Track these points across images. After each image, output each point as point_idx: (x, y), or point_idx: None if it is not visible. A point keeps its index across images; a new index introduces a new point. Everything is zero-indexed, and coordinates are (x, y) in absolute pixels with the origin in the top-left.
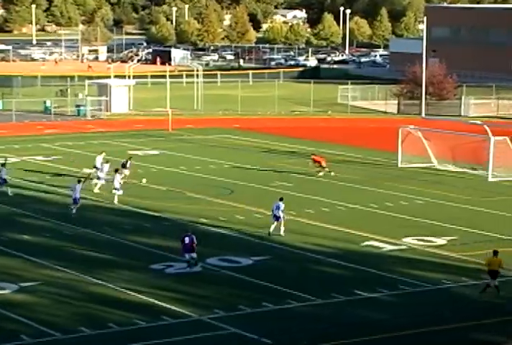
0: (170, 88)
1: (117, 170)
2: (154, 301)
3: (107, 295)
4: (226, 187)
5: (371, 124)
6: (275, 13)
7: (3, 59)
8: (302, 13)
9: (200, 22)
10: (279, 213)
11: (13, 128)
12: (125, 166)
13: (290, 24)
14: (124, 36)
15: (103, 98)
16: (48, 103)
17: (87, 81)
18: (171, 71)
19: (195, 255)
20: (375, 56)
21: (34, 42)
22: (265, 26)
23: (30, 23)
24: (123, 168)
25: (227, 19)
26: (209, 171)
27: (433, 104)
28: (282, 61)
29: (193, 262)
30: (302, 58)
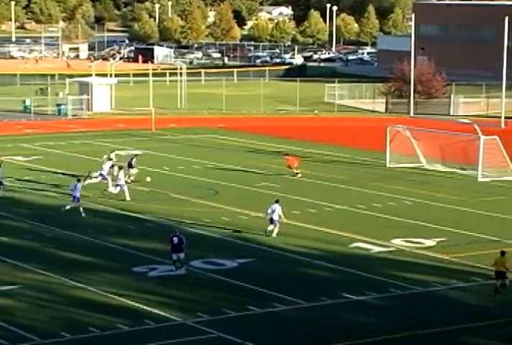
0: (153, 87)
1: (121, 167)
2: (136, 305)
3: (88, 299)
4: (210, 188)
5: (358, 123)
6: (260, 10)
7: None
8: (288, 10)
9: (183, 19)
10: (274, 216)
11: None
12: (131, 165)
13: (275, 21)
14: (106, 33)
15: (84, 97)
16: (28, 102)
17: (68, 80)
18: (154, 69)
19: (183, 255)
20: (363, 54)
21: (13, 40)
22: (250, 23)
23: (9, 20)
24: (129, 168)
25: (211, 16)
26: (193, 171)
27: (421, 103)
28: (267, 59)
29: (179, 265)
30: (288, 56)
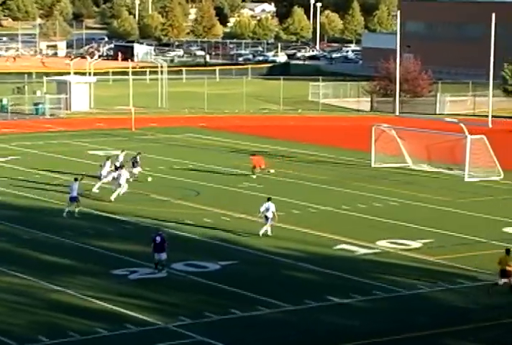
0: (133, 85)
1: (122, 166)
2: (117, 308)
3: (67, 302)
4: (191, 188)
5: (343, 123)
6: (243, 6)
7: None
8: (271, 6)
9: (164, 16)
10: (268, 214)
11: None
12: (135, 164)
13: (258, 18)
14: (84, 30)
15: (62, 96)
16: (4, 101)
17: (45, 78)
18: (134, 67)
19: (165, 256)
20: (347, 51)
21: None
22: (232, 20)
23: None
24: (133, 167)
25: (193, 13)
26: (174, 172)
27: (407, 102)
28: (250, 57)
29: (160, 268)
30: (271, 54)
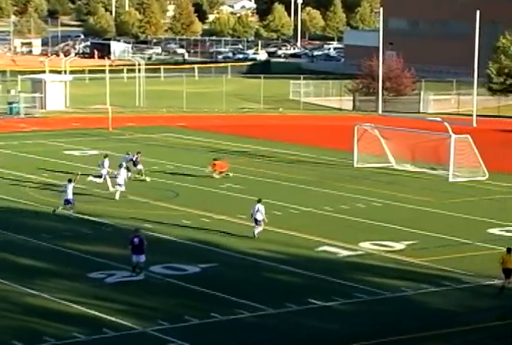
0: (110, 84)
1: (121, 166)
2: (94, 312)
3: (43, 306)
4: (170, 189)
5: (325, 122)
6: (222, 3)
7: None
8: (251, 3)
9: (141, 13)
10: (259, 216)
11: None
12: (136, 163)
13: (238, 15)
14: (60, 28)
15: (37, 95)
16: None
17: (20, 76)
18: (111, 65)
19: (143, 258)
20: (329, 49)
21: None
22: (212, 17)
23: None
24: (134, 166)
25: (171, 10)
26: (152, 172)
27: (390, 100)
28: (230, 55)
29: (138, 271)
30: (251, 51)
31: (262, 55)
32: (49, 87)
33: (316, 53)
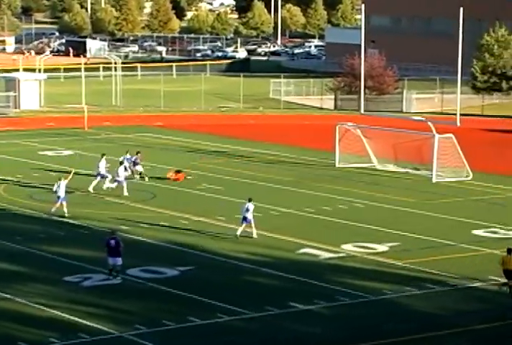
0: (86, 82)
1: (121, 163)
2: (69, 317)
3: (17, 311)
4: (147, 190)
5: (306, 121)
6: (201, 0)
7: None
8: (230, 0)
9: (118, 10)
10: (248, 215)
11: None
12: (136, 163)
13: (216, 12)
14: (34, 25)
15: (11, 94)
16: None
17: None
18: (86, 64)
19: (120, 261)
20: (310, 47)
21: None
22: (190, 14)
23: None
24: (134, 166)
25: (148, 7)
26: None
27: (372, 99)
28: (208, 52)
29: (115, 274)
30: (230, 49)
31: (242, 53)
32: (23, 86)
33: (297, 51)
